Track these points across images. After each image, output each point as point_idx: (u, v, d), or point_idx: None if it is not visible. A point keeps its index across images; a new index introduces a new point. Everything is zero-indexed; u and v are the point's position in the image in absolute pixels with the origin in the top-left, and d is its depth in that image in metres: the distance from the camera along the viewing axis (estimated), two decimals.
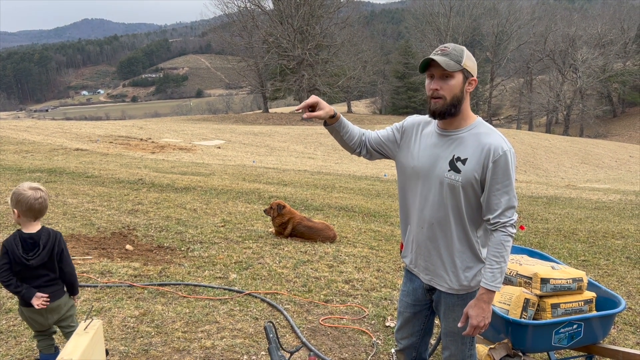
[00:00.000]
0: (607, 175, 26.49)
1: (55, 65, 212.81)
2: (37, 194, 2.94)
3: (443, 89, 2.38)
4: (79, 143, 19.39)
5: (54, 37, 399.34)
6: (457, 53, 2.36)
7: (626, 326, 4.46)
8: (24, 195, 2.92)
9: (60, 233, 3.08)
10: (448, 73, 2.36)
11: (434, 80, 2.40)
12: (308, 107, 2.49)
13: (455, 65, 2.35)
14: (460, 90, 2.39)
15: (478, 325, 2.42)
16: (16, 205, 2.93)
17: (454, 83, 2.37)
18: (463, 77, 2.38)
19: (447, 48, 2.38)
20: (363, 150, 2.70)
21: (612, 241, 7.46)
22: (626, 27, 63.79)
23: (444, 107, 2.40)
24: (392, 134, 2.67)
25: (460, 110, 2.42)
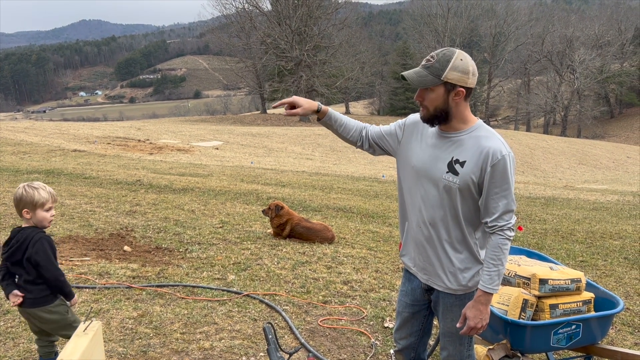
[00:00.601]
0: (605, 176, 26.54)
1: (52, 66, 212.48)
2: (19, 190, 2.93)
3: (425, 100, 2.41)
4: (76, 144, 19.37)
5: (51, 38, 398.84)
6: (439, 66, 2.32)
7: (624, 327, 4.47)
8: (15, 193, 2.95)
9: (46, 238, 2.93)
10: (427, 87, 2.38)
11: (418, 91, 2.43)
12: (288, 105, 2.58)
13: (432, 80, 2.33)
14: (442, 102, 2.37)
15: (475, 327, 2.43)
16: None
17: (433, 96, 2.37)
18: (445, 90, 2.35)
19: (431, 60, 2.35)
20: (365, 144, 2.73)
21: (610, 242, 7.48)
22: (623, 28, 63.95)
23: (427, 116, 2.44)
24: (394, 129, 2.69)
25: (452, 117, 2.42)
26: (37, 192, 2.90)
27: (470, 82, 2.37)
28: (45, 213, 2.93)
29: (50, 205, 2.94)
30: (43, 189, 2.93)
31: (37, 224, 2.95)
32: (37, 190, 2.91)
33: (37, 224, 2.96)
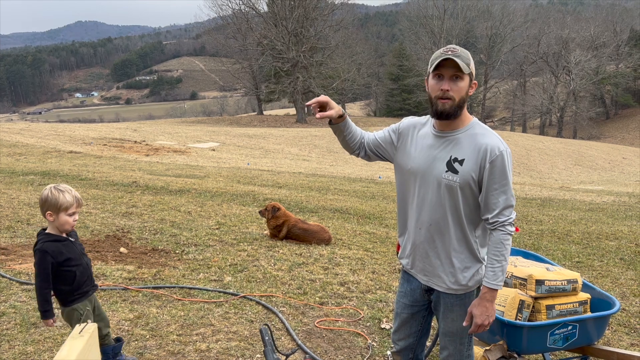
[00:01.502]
0: (601, 177, 26.62)
1: (48, 68, 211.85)
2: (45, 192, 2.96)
3: (453, 90, 2.39)
4: (72, 145, 19.32)
5: (47, 40, 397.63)
6: (466, 56, 2.39)
7: (620, 327, 4.48)
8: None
9: (41, 250, 2.90)
10: (458, 74, 2.37)
11: (445, 81, 2.39)
12: (319, 104, 2.50)
13: (466, 67, 2.37)
14: (466, 93, 2.42)
15: (482, 324, 2.46)
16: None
17: (462, 85, 2.39)
18: (469, 80, 2.42)
19: (456, 49, 2.38)
20: (362, 152, 2.73)
21: (606, 242, 7.50)
22: (619, 30, 64.21)
23: (452, 108, 2.40)
24: (388, 135, 2.69)
25: (461, 111, 2.45)
26: (62, 195, 2.89)
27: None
28: (68, 217, 2.93)
29: (74, 210, 2.93)
30: (69, 193, 2.92)
31: (58, 227, 2.95)
32: (63, 193, 2.90)
33: (58, 227, 2.96)
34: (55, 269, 2.92)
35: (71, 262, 2.97)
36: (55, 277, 2.94)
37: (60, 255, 2.92)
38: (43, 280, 2.89)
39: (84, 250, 3.15)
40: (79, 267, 3.01)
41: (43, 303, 2.93)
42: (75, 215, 2.95)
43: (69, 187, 2.96)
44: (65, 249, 2.95)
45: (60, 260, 2.93)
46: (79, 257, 3.03)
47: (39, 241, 2.93)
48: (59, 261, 2.92)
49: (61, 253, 2.93)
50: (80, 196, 3.00)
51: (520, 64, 63.37)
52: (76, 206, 2.94)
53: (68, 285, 2.99)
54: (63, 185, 2.95)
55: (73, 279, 2.99)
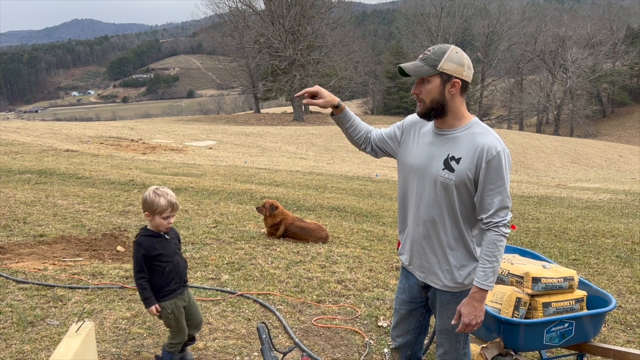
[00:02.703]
0: (597, 175, 26.68)
1: (45, 66, 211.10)
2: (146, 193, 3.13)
3: (422, 93, 2.45)
4: (69, 144, 19.27)
5: (43, 38, 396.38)
6: (434, 57, 2.39)
7: (617, 324, 4.49)
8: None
9: (139, 242, 3.08)
10: (424, 78, 2.41)
11: (415, 85, 2.48)
12: (310, 95, 2.59)
13: (429, 70, 2.38)
14: (439, 94, 2.41)
15: (470, 324, 2.44)
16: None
17: (430, 87, 2.41)
18: (441, 80, 2.40)
19: (427, 52, 2.43)
20: (368, 147, 2.79)
21: (603, 240, 7.52)
22: (615, 28, 64.31)
23: (424, 110, 2.47)
24: (393, 132, 2.74)
25: (448, 110, 2.45)
26: (159, 199, 3.03)
27: (466, 74, 2.42)
28: (163, 220, 3.08)
29: (168, 214, 3.07)
30: (164, 197, 3.05)
31: (154, 227, 3.12)
32: (160, 197, 3.04)
33: (154, 227, 3.12)
34: (147, 263, 3.07)
35: (162, 257, 3.10)
36: (148, 271, 3.09)
37: (152, 250, 3.08)
38: (138, 270, 3.07)
39: (179, 249, 3.27)
40: (169, 264, 3.13)
41: (142, 292, 3.09)
42: (170, 218, 3.10)
43: (167, 191, 3.10)
44: (158, 245, 3.10)
45: (153, 255, 3.08)
46: (171, 254, 3.16)
47: (138, 235, 3.13)
48: (151, 255, 3.07)
49: (154, 248, 3.08)
50: (177, 200, 3.13)
51: (517, 62, 63.42)
52: (170, 210, 3.08)
53: (158, 280, 3.12)
54: (162, 190, 3.09)
55: (162, 274, 3.12)
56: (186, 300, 3.26)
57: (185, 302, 3.25)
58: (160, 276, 3.11)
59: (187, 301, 3.26)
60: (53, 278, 4.68)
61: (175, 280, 3.17)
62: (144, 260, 3.05)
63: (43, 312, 3.99)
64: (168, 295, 3.15)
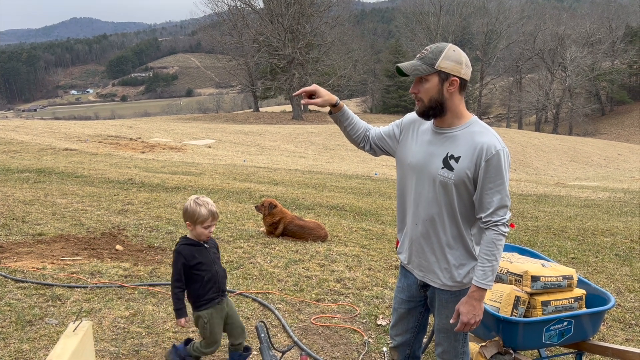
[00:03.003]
0: (596, 173, 26.71)
1: (43, 65, 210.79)
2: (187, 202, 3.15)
3: (420, 92, 2.44)
4: (68, 143, 19.24)
5: (42, 36, 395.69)
6: (432, 55, 2.38)
7: (615, 323, 4.50)
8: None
9: (178, 250, 3.08)
10: (422, 77, 2.40)
11: (413, 84, 2.47)
12: (307, 94, 2.59)
13: (427, 69, 2.38)
14: (437, 92, 2.41)
15: (468, 322, 2.44)
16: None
17: (428, 86, 2.41)
18: (439, 79, 2.39)
19: (425, 51, 2.42)
20: (367, 146, 2.79)
21: (601, 238, 7.52)
22: (614, 26, 64.35)
23: (422, 109, 2.46)
24: (392, 130, 2.74)
25: (447, 109, 2.44)
26: (200, 209, 3.04)
27: (464, 72, 2.41)
28: (203, 229, 3.07)
29: (209, 223, 3.07)
30: (205, 207, 3.05)
31: (195, 236, 3.11)
32: (201, 207, 3.05)
33: (195, 236, 3.11)
34: (186, 271, 3.07)
35: (202, 266, 3.09)
36: (187, 279, 3.09)
37: (192, 259, 3.06)
38: (176, 280, 3.07)
39: (218, 258, 3.25)
40: (208, 273, 3.11)
41: (175, 302, 3.09)
42: (210, 227, 3.10)
43: (207, 200, 3.10)
44: (198, 254, 3.09)
45: (192, 264, 3.06)
46: (211, 263, 3.14)
47: (177, 243, 3.12)
48: (191, 264, 3.06)
49: (194, 257, 3.07)
50: (217, 209, 3.13)
51: (516, 61, 63.45)
52: (211, 220, 3.08)
53: (196, 289, 3.11)
54: (202, 199, 3.09)
55: (201, 283, 3.10)
56: (225, 310, 3.23)
57: (224, 312, 3.22)
58: (198, 285, 3.10)
59: (225, 310, 3.23)
60: (52, 277, 4.67)
61: (213, 290, 3.14)
62: (184, 270, 3.05)
63: (42, 311, 3.99)
64: (205, 305, 3.13)
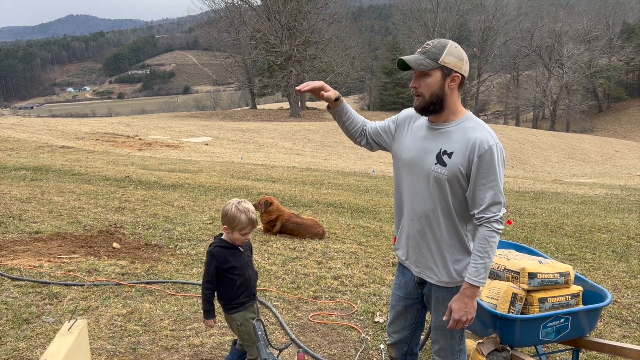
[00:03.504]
0: (593, 170, 26.75)
1: (40, 62, 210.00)
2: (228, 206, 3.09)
3: (421, 86, 2.42)
4: (64, 140, 19.19)
5: (38, 34, 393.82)
6: (435, 50, 2.37)
7: (612, 319, 4.51)
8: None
9: (211, 252, 3.04)
10: (425, 71, 2.39)
11: (413, 78, 2.45)
12: (313, 90, 2.57)
13: (431, 63, 2.37)
14: (439, 88, 2.40)
15: (460, 320, 2.43)
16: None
17: (431, 81, 2.40)
18: (442, 74, 2.39)
19: (427, 45, 2.41)
20: (363, 140, 2.78)
21: (598, 235, 7.54)
22: (611, 23, 64.37)
23: (423, 104, 2.44)
24: (388, 126, 2.74)
25: (446, 105, 2.44)
26: (240, 216, 2.98)
27: (465, 69, 2.42)
28: (240, 236, 3.03)
29: (247, 231, 3.03)
30: (246, 214, 3.00)
31: (231, 240, 3.07)
32: (242, 214, 2.99)
33: (231, 240, 3.07)
34: (219, 274, 3.03)
35: (234, 270, 3.05)
36: (218, 282, 3.05)
37: (225, 262, 3.03)
38: (207, 281, 3.03)
39: (251, 262, 3.21)
40: (240, 277, 3.08)
41: (205, 303, 3.07)
42: (247, 235, 3.06)
43: (248, 206, 3.04)
44: (231, 257, 3.06)
45: (225, 267, 3.03)
46: (244, 267, 3.10)
47: (212, 244, 3.09)
48: (224, 267, 3.03)
49: (227, 260, 3.04)
50: (256, 217, 3.08)
51: (514, 58, 63.49)
52: (250, 228, 3.04)
53: (228, 292, 3.08)
54: (244, 205, 3.03)
55: (233, 287, 3.07)
56: (255, 312, 3.20)
57: (254, 314, 3.18)
58: (230, 288, 3.07)
59: (256, 313, 3.20)
60: (48, 275, 4.66)
61: (245, 294, 3.11)
62: (216, 272, 3.02)
63: (38, 309, 3.98)
64: (237, 308, 3.11)
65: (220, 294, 3.10)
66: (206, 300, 3.05)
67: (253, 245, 5.95)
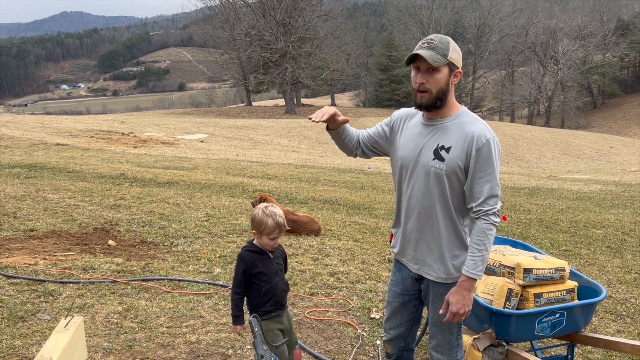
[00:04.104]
0: (588, 166, 26.85)
1: (34, 59, 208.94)
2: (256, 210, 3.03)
3: (429, 82, 2.39)
4: (59, 138, 19.12)
5: (32, 31, 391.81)
6: (443, 46, 2.37)
7: (607, 314, 4.53)
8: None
9: (241, 255, 2.98)
10: (434, 67, 2.37)
11: (420, 74, 2.41)
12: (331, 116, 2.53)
13: (442, 59, 2.36)
14: (445, 84, 2.41)
15: (458, 312, 2.44)
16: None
17: (439, 77, 2.39)
18: (449, 70, 2.40)
19: (433, 41, 2.39)
20: (359, 151, 2.79)
21: (593, 231, 7.57)
22: (605, 19, 64.51)
23: (430, 100, 2.42)
24: (381, 130, 2.73)
25: (446, 100, 2.45)
26: (267, 220, 2.91)
27: (461, 65, 2.46)
28: (269, 240, 2.96)
29: (275, 235, 2.96)
30: (273, 218, 2.92)
31: (261, 245, 3.00)
32: (268, 218, 2.92)
33: (261, 245, 3.00)
34: (246, 279, 2.97)
35: (262, 276, 2.97)
36: (246, 287, 2.99)
37: (253, 267, 2.95)
38: (236, 285, 2.97)
39: (281, 270, 3.12)
40: (267, 285, 2.99)
41: (233, 308, 2.99)
42: (276, 239, 2.99)
43: (275, 210, 2.96)
44: (260, 263, 2.98)
45: (253, 272, 2.96)
46: (272, 275, 3.01)
47: (243, 248, 3.03)
48: (251, 272, 2.96)
49: (255, 265, 2.96)
50: (284, 221, 2.99)
51: (509, 54, 63.49)
52: (278, 232, 2.96)
53: (254, 298, 3.00)
54: (270, 209, 2.96)
55: (258, 294, 2.99)
56: (283, 324, 3.08)
57: (282, 326, 3.07)
58: (256, 295, 2.99)
59: (284, 324, 3.09)
60: (44, 273, 4.65)
61: (271, 303, 3.01)
62: (244, 276, 2.96)
63: (34, 307, 3.97)
64: (261, 316, 2.96)
65: (248, 300, 3.03)
66: (235, 305, 2.97)
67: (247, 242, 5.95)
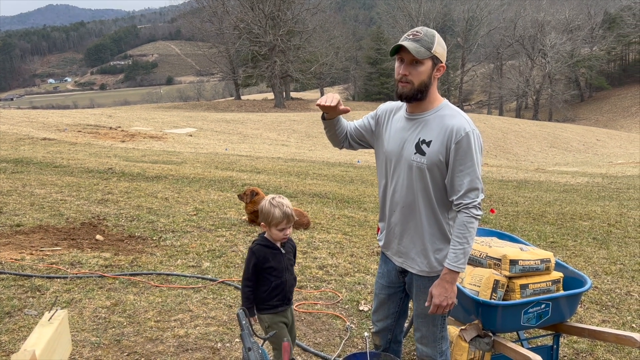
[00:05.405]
0: (575, 159, 27.07)
1: (19, 53, 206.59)
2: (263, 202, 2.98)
3: (412, 74, 2.40)
4: (46, 132, 18.93)
5: (17, 24, 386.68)
6: (428, 39, 2.37)
7: (592, 304, 4.58)
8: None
9: (252, 249, 2.93)
10: (417, 59, 2.37)
11: (404, 65, 2.41)
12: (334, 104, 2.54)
13: (426, 52, 2.36)
14: (428, 77, 2.41)
15: (441, 305, 2.46)
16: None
17: (422, 69, 2.39)
18: (432, 64, 2.41)
19: (418, 33, 2.39)
20: (346, 143, 2.79)
21: (580, 223, 7.64)
22: (593, 13, 64.83)
23: (411, 91, 2.43)
24: (367, 123, 2.74)
25: (428, 94, 2.45)
26: (273, 210, 2.86)
27: (445, 60, 2.46)
28: (278, 232, 2.91)
29: (284, 226, 2.90)
30: (280, 209, 2.87)
31: (270, 237, 2.96)
32: (275, 208, 2.87)
33: (271, 238, 2.96)
34: (257, 272, 2.94)
35: (272, 271, 2.94)
36: (256, 280, 2.96)
37: (265, 262, 2.92)
38: (247, 278, 2.94)
39: (292, 265, 3.08)
40: (277, 280, 2.96)
41: (244, 300, 2.96)
42: (285, 230, 2.93)
43: (282, 201, 2.91)
44: (271, 257, 2.95)
45: (263, 266, 2.92)
46: (282, 270, 2.98)
47: (254, 242, 2.99)
48: (262, 266, 2.93)
49: (266, 259, 2.93)
50: (293, 211, 2.92)
51: (497, 47, 63.71)
52: (286, 222, 2.90)
53: (262, 292, 2.97)
54: (277, 200, 2.91)
55: (268, 288, 2.96)
56: (287, 318, 3.08)
57: (287, 320, 3.07)
58: (265, 289, 2.96)
59: (288, 319, 3.08)
60: (31, 268, 4.61)
61: (278, 297, 3.00)
62: (255, 270, 2.93)
63: (21, 303, 3.94)
64: (268, 310, 3.00)
65: (255, 294, 2.99)
66: (245, 297, 2.94)
67: (238, 237, 5.95)
